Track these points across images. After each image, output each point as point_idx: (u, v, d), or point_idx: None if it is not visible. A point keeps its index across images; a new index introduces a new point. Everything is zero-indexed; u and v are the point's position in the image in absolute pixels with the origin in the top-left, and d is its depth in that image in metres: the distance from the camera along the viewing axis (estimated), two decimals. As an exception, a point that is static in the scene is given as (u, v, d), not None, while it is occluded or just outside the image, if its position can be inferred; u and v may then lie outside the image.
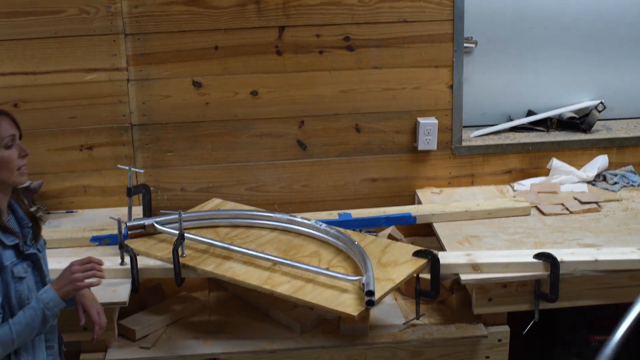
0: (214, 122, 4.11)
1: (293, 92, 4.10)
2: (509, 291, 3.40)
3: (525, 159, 4.31)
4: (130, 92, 4.01)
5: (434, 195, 4.21)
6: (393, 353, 3.41)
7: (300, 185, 4.25)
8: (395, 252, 3.48)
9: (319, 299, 3.17)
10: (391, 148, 4.24)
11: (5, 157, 2.78)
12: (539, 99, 4.49)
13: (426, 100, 4.18)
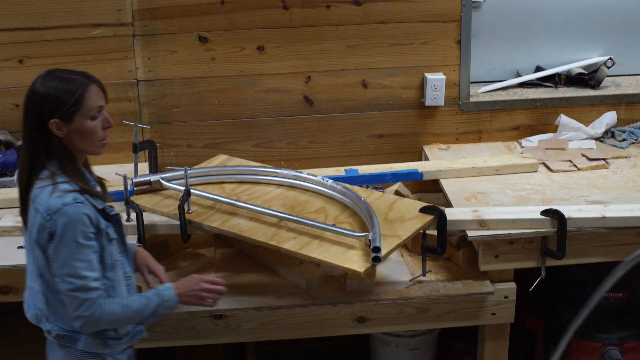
0: (220, 77, 4.09)
1: (300, 47, 4.07)
2: (516, 248, 3.39)
3: (533, 115, 4.29)
4: (135, 48, 3.99)
5: (441, 152, 4.20)
6: (399, 309, 3.41)
7: (307, 141, 4.23)
8: (402, 208, 3.47)
9: (325, 256, 3.17)
10: (398, 104, 4.22)
11: (90, 128, 2.71)
12: (548, 54, 4.45)
13: (434, 56, 4.15)
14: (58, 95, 2.65)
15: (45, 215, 2.63)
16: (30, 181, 2.70)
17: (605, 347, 3.82)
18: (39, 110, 2.66)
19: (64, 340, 2.80)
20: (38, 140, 2.68)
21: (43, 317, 2.82)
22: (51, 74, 2.70)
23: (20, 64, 3.94)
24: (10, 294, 3.34)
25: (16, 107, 4.00)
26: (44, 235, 2.65)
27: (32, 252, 2.76)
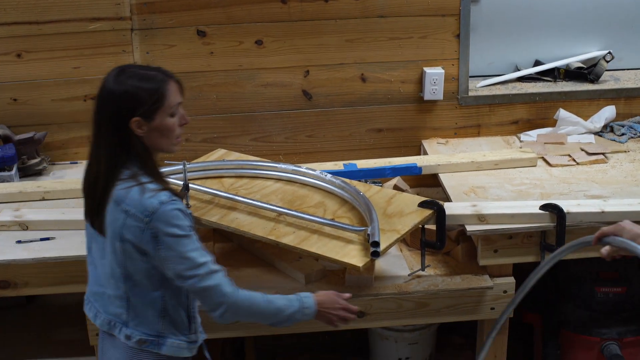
0: (219, 71, 4.08)
1: (298, 41, 4.07)
2: (515, 242, 3.39)
3: (532, 109, 4.28)
4: (134, 42, 3.98)
5: (440, 146, 4.19)
6: (398, 304, 3.41)
7: (306, 136, 4.23)
8: (401, 202, 3.47)
9: (324, 250, 3.16)
10: (397, 98, 4.21)
11: (169, 125, 2.65)
12: (547, 48, 4.44)
13: (433, 50, 4.14)
14: (139, 93, 2.58)
15: (142, 218, 2.56)
16: (110, 182, 2.61)
17: (604, 342, 3.81)
18: (118, 109, 2.57)
19: (147, 345, 2.73)
20: (117, 140, 2.59)
21: (119, 323, 2.74)
22: (125, 71, 2.62)
23: (19, 58, 3.94)
24: (9, 288, 3.33)
25: (14, 101, 4.00)
26: (144, 238, 2.57)
27: (112, 256, 2.66)
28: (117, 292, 2.71)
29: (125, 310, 2.72)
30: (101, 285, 2.76)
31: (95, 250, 2.76)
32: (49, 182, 3.83)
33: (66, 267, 3.30)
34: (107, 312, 2.76)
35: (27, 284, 3.33)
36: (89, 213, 2.72)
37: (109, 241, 2.65)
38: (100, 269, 2.74)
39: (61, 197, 3.72)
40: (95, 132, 2.64)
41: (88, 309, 2.83)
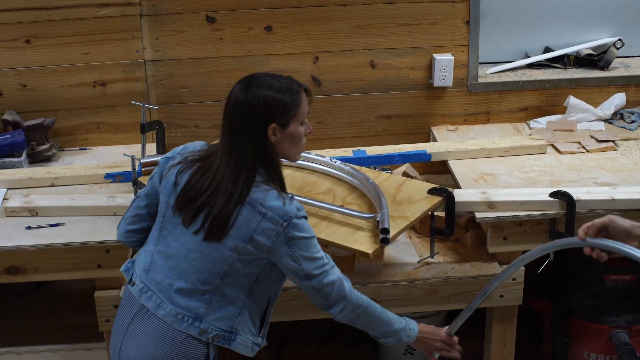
0: (228, 57, 4.07)
1: (307, 27, 4.06)
2: (524, 230, 3.39)
3: (541, 96, 4.27)
4: (143, 28, 3.97)
5: (450, 133, 4.19)
6: (407, 291, 3.41)
7: (315, 122, 4.20)
8: (410, 189, 3.46)
9: (333, 237, 3.16)
10: (406, 84, 4.20)
11: (299, 133, 2.75)
12: (557, 35, 4.43)
13: (442, 36, 4.13)
14: (279, 101, 2.67)
15: (281, 222, 2.64)
16: (248, 186, 2.66)
17: (613, 329, 3.81)
18: (257, 117, 2.65)
19: (220, 340, 2.76)
20: (254, 146, 2.67)
21: (190, 317, 2.74)
22: (257, 80, 2.69)
23: (28, 44, 3.93)
24: (18, 274, 3.33)
25: (23, 87, 4.00)
26: (278, 240, 2.66)
27: (220, 254, 2.70)
28: (203, 287, 2.73)
29: (204, 305, 2.74)
30: (174, 277, 2.76)
31: (177, 246, 2.77)
32: (58, 168, 3.84)
33: (75, 253, 3.30)
34: (175, 305, 2.75)
35: (36, 269, 3.34)
36: (192, 213, 2.72)
37: (227, 241, 2.67)
38: (183, 263, 2.75)
39: (70, 183, 3.72)
40: (231, 138, 2.68)
41: (147, 297, 2.79)
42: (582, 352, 3.95)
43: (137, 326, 2.81)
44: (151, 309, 2.78)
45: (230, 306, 2.76)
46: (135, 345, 2.80)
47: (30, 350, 3.63)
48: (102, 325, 3.42)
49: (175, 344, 2.75)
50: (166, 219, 2.80)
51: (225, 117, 2.71)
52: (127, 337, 2.83)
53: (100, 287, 3.40)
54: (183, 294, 2.75)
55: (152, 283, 2.81)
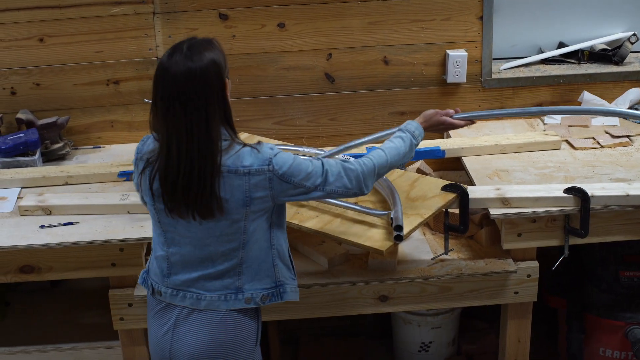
0: (241, 55, 4.07)
1: (320, 23, 4.05)
2: (539, 226, 3.37)
3: (556, 91, 4.25)
4: (156, 26, 3.97)
5: (463, 129, 4.14)
6: (421, 288, 3.40)
7: (328, 119, 4.22)
8: (424, 186, 3.45)
9: (347, 234, 3.16)
10: (420, 81, 4.19)
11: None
12: (571, 30, 4.41)
13: (456, 32, 4.12)
14: (222, 55, 2.69)
15: (266, 168, 2.68)
16: (218, 160, 2.65)
17: (628, 325, 3.80)
18: (214, 77, 2.64)
19: (269, 299, 2.84)
20: (219, 112, 2.67)
21: (231, 293, 2.81)
22: (190, 47, 2.63)
23: (41, 42, 3.94)
24: (32, 273, 3.34)
25: (37, 86, 4.00)
26: (274, 184, 2.70)
27: (229, 229, 2.74)
28: (228, 265, 2.78)
29: (238, 277, 2.80)
30: (200, 269, 2.81)
31: (188, 240, 2.79)
32: (72, 166, 3.84)
33: (89, 251, 3.30)
34: (212, 291, 2.81)
35: (50, 268, 3.34)
36: (183, 208, 2.71)
37: (232, 213, 2.70)
38: (201, 252, 2.78)
39: (84, 182, 3.73)
40: (186, 115, 2.60)
41: (181, 298, 2.83)
42: (598, 349, 3.94)
43: (183, 327, 2.85)
44: (191, 305, 2.82)
45: (263, 265, 2.81)
46: (188, 344, 2.83)
47: (45, 349, 3.64)
48: (116, 323, 3.42)
49: (228, 326, 2.81)
50: (162, 222, 2.82)
51: (173, 96, 2.60)
52: (176, 340, 2.86)
53: (114, 285, 3.40)
54: (215, 278, 2.80)
55: (179, 284, 2.85)
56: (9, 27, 3.93)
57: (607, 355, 3.93)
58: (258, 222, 2.76)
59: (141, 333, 3.48)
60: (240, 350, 2.85)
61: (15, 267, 3.33)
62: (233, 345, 2.84)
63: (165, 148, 2.64)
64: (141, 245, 3.32)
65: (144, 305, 3.36)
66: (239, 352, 2.85)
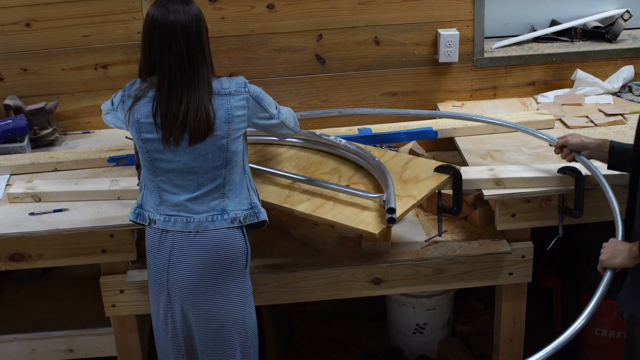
0: (231, 37, 4.03)
1: (310, 4, 4.01)
2: (533, 206, 3.35)
3: (548, 70, 4.22)
4: (143, 8, 3.93)
5: (456, 109, 4.14)
6: (415, 270, 3.38)
7: (319, 101, 4.19)
8: (417, 167, 3.43)
9: (339, 217, 3.14)
10: (411, 61, 4.16)
11: None
12: (563, 8, 4.38)
13: (447, 11, 4.08)
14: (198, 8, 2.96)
15: (242, 89, 2.98)
16: (209, 87, 2.94)
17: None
18: (202, 25, 2.95)
19: (249, 218, 3.05)
20: (206, 51, 2.97)
21: (217, 214, 3.01)
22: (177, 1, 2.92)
23: (28, 27, 3.90)
24: (23, 261, 3.32)
25: (24, 71, 3.97)
26: (250, 104, 3.00)
27: (215, 146, 2.95)
28: (213, 184, 3.00)
29: (222, 198, 3.02)
30: (187, 191, 3.00)
31: (175, 165, 2.97)
32: (61, 152, 3.81)
33: (80, 238, 3.28)
34: (200, 213, 3.01)
35: (41, 256, 3.32)
36: (178, 133, 2.92)
37: (217, 130, 2.93)
38: (187, 175, 2.98)
39: (74, 168, 3.70)
40: (182, 58, 2.89)
41: (173, 223, 3.02)
42: (593, 329, 3.93)
43: (178, 252, 3.03)
44: (182, 229, 3.01)
45: (241, 187, 3.05)
46: (183, 269, 3.03)
47: (37, 336, 3.62)
48: (108, 310, 3.41)
49: (218, 245, 3.01)
50: (151, 153, 2.99)
51: (173, 43, 2.88)
52: (172, 266, 3.04)
53: (105, 272, 3.39)
54: (202, 201, 3.01)
55: (170, 210, 3.03)
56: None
57: (602, 335, 3.92)
58: (237, 143, 2.99)
59: (133, 319, 3.47)
60: (231, 270, 3.05)
61: (5, 255, 3.31)
62: (224, 265, 3.03)
63: (167, 81, 2.91)
64: (132, 231, 3.30)
65: (135, 291, 3.35)
66: (230, 272, 3.05)
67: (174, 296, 3.06)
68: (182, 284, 3.03)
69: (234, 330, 3.10)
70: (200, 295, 3.04)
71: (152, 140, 2.96)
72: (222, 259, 3.02)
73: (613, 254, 2.82)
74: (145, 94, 2.95)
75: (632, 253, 2.76)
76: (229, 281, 3.05)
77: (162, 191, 3.02)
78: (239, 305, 3.09)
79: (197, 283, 3.02)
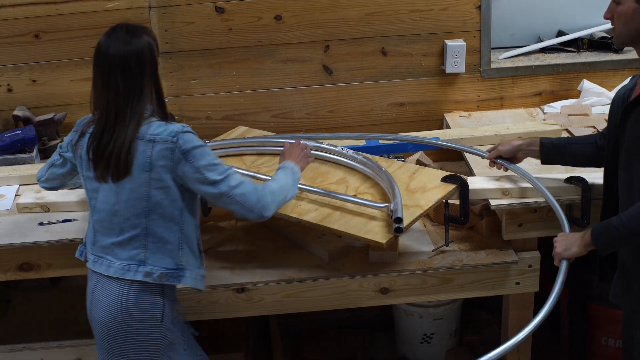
0: (238, 48, 4.05)
1: (317, 15, 4.03)
2: (540, 216, 3.35)
3: (555, 80, 4.23)
4: (152, 20, 3.96)
5: (463, 119, 4.15)
6: (422, 280, 3.38)
7: (327, 111, 4.20)
8: (424, 177, 3.43)
9: (346, 227, 3.14)
10: (418, 71, 4.17)
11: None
12: (570, 18, 4.39)
13: (454, 22, 4.09)
14: (155, 40, 2.89)
15: (170, 138, 2.81)
16: (140, 124, 2.82)
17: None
18: (150, 58, 2.84)
19: (168, 278, 2.91)
20: (149, 86, 2.85)
21: (134, 264, 2.90)
22: (129, 31, 2.84)
23: (37, 39, 3.93)
24: (32, 270, 3.34)
25: (33, 82, 3.99)
26: (175, 157, 2.82)
27: (135, 193, 2.86)
28: (134, 232, 2.89)
29: (142, 249, 2.90)
30: (113, 234, 2.92)
31: (105, 206, 2.91)
32: (70, 162, 3.82)
33: (88, 248, 3.29)
34: (119, 259, 2.91)
35: (50, 265, 3.34)
36: (104, 169, 2.86)
37: (135, 177, 2.83)
38: (113, 218, 2.90)
39: (82, 178, 3.71)
40: (125, 90, 2.81)
41: (99, 264, 2.95)
42: (601, 338, 3.92)
43: (99, 292, 2.96)
44: (104, 272, 2.94)
45: (168, 244, 2.90)
46: (100, 309, 2.95)
47: (47, 346, 3.61)
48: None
49: (131, 298, 2.91)
50: (88, 190, 2.96)
51: (112, 74, 2.80)
52: (93, 304, 2.99)
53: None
54: (123, 247, 2.91)
55: (99, 251, 2.96)
56: (4, 24, 3.92)
57: (609, 344, 3.92)
58: (162, 196, 2.86)
59: (142, 329, 3.47)
60: (143, 323, 2.94)
61: (14, 264, 3.33)
62: (135, 316, 2.92)
63: (105, 115, 2.84)
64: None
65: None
66: (141, 324, 2.94)
67: (96, 331, 3.04)
68: (98, 322, 2.99)
69: None
70: (113, 342, 2.97)
71: (89, 178, 2.93)
72: (132, 311, 2.92)
73: (567, 245, 2.93)
74: (87, 131, 2.92)
75: (584, 241, 2.89)
76: (141, 334, 2.96)
77: (96, 232, 2.97)
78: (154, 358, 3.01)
79: (109, 329, 2.96)
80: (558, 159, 3.25)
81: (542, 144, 3.23)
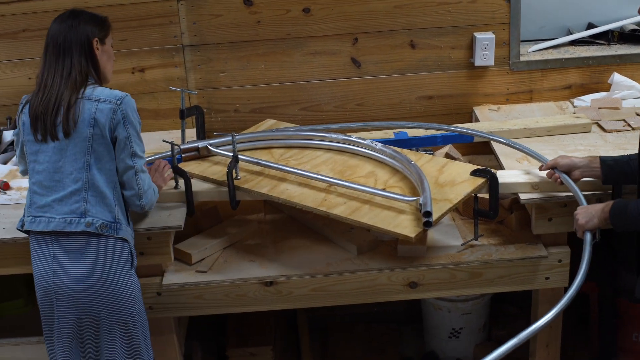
0: (266, 41, 4.05)
1: (346, 8, 4.02)
2: (569, 210, 3.32)
3: (585, 73, 4.20)
4: (180, 12, 3.95)
5: (492, 112, 4.13)
6: (451, 274, 3.37)
7: (355, 104, 4.19)
8: (453, 171, 3.42)
9: (375, 221, 3.13)
10: (447, 64, 4.15)
11: (112, 52, 3.23)
12: (600, 10, 4.36)
13: (483, 14, 4.07)
14: (99, 20, 3.14)
15: (114, 101, 3.02)
16: (80, 87, 3.03)
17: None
18: (85, 34, 3.07)
19: (107, 229, 3.04)
20: (85, 57, 3.07)
21: (75, 217, 3.02)
22: (78, 11, 3.15)
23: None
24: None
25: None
26: (115, 117, 3.02)
27: (77, 148, 3.02)
28: (75, 186, 3.03)
29: (84, 202, 3.03)
30: (54, 192, 3.05)
31: (45, 166, 3.05)
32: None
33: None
34: (62, 214, 3.03)
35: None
36: (51, 128, 3.02)
37: (80, 131, 3.01)
38: (55, 175, 3.05)
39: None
40: (59, 57, 3.05)
41: (37, 223, 3.05)
42: (631, 334, 3.89)
43: (61, 257, 3.05)
44: (42, 229, 3.04)
45: (106, 199, 3.05)
46: (70, 273, 3.03)
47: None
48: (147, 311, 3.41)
49: (101, 249, 3.05)
50: (28, 154, 3.10)
51: (52, 45, 3.06)
52: (58, 270, 3.05)
53: (142, 274, 3.38)
54: (64, 202, 3.04)
55: (36, 212, 3.08)
56: (33, 17, 3.93)
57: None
58: (103, 151, 3.03)
59: (170, 321, 3.47)
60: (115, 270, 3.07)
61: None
62: (108, 265, 3.06)
63: (43, 83, 3.05)
64: (169, 233, 3.31)
65: (173, 294, 3.36)
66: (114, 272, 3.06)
67: (60, 300, 3.07)
68: (65, 288, 3.04)
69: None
70: (89, 304, 3.05)
71: (29, 141, 3.08)
72: (102, 262, 3.06)
73: (589, 217, 3.01)
74: (30, 100, 3.09)
75: (604, 214, 2.97)
76: (116, 284, 3.08)
77: (34, 194, 3.09)
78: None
79: (85, 288, 3.03)
80: (621, 177, 3.17)
81: (602, 161, 3.17)
